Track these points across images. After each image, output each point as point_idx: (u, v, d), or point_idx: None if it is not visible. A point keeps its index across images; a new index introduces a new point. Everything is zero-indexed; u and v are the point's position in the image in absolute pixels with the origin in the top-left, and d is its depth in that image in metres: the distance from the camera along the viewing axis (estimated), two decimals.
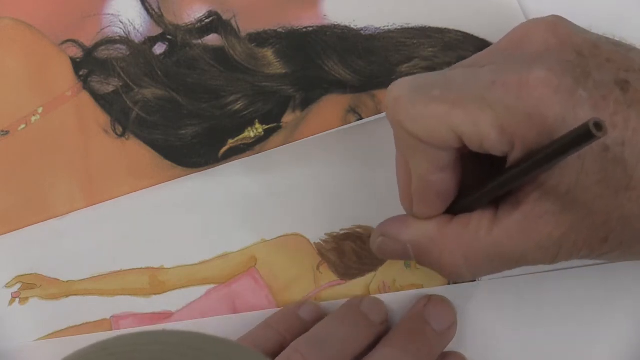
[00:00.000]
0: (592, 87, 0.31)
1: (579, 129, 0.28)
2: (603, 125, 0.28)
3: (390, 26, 0.42)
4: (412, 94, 0.33)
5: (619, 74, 0.32)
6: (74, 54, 0.43)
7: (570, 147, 0.29)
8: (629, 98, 0.32)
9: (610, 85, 0.32)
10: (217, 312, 0.42)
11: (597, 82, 0.32)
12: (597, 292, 0.40)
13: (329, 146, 0.42)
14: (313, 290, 0.42)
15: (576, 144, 0.29)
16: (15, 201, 0.43)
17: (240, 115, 0.43)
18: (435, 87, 0.33)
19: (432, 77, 0.34)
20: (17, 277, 0.43)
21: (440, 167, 0.34)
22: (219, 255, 0.42)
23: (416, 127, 0.33)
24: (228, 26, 0.43)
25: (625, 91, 0.32)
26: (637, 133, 0.31)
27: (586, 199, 0.32)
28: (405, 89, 0.34)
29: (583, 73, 0.32)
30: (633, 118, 0.31)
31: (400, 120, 0.34)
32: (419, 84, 0.34)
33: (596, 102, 0.31)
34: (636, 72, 0.32)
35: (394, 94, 0.34)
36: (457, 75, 0.34)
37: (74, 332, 0.43)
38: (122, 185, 0.43)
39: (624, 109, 0.31)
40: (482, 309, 0.41)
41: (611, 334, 0.40)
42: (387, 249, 0.38)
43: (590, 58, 0.32)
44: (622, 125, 0.31)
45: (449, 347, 0.40)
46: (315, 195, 0.42)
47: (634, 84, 0.32)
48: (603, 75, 0.32)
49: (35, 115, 0.43)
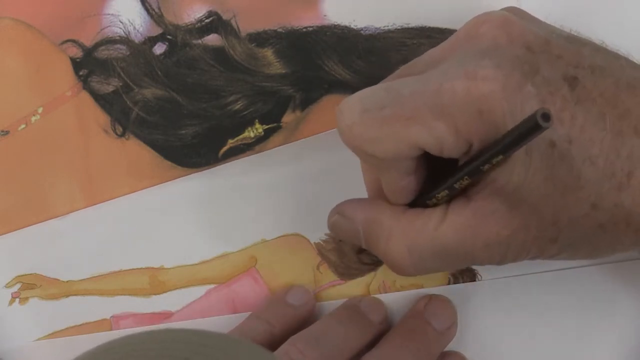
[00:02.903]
0: (540, 83, 0.31)
1: (526, 121, 0.28)
2: (550, 115, 0.28)
3: (390, 26, 0.42)
4: (364, 117, 0.33)
5: (568, 70, 0.32)
6: (74, 54, 0.43)
7: (519, 139, 0.29)
8: (576, 95, 0.31)
9: (559, 82, 0.31)
10: (217, 312, 0.42)
11: (546, 78, 0.31)
12: (597, 292, 0.40)
13: (329, 146, 0.42)
14: (313, 290, 0.42)
15: (524, 135, 0.29)
16: (15, 201, 0.43)
17: (240, 115, 0.43)
18: (385, 106, 0.33)
19: (379, 94, 0.33)
20: (17, 277, 0.43)
21: (407, 173, 0.34)
22: (219, 255, 0.42)
23: (376, 149, 0.33)
24: (228, 26, 0.43)
25: (573, 88, 0.31)
26: (584, 131, 0.31)
27: (534, 198, 0.32)
28: (356, 114, 0.33)
29: (531, 69, 0.31)
30: (580, 115, 0.31)
31: (358, 145, 0.34)
32: (368, 105, 0.33)
33: (544, 98, 0.31)
34: (585, 69, 0.32)
35: (345, 121, 0.33)
36: (404, 86, 0.33)
37: (74, 332, 0.43)
38: (122, 185, 0.43)
39: (571, 105, 0.31)
40: (482, 309, 0.41)
41: (611, 334, 0.40)
42: (340, 227, 0.38)
43: (540, 54, 0.32)
44: (569, 123, 0.31)
45: (449, 347, 0.40)
46: (315, 195, 0.42)
47: (582, 80, 0.32)
48: (552, 71, 0.32)
49: (35, 115, 0.43)
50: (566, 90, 0.31)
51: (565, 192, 0.31)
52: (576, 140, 0.31)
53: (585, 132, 0.31)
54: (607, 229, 0.32)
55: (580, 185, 0.31)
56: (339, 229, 0.38)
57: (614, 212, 0.32)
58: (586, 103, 0.31)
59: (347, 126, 0.34)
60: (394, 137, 0.32)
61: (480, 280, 0.41)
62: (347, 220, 0.37)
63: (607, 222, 0.32)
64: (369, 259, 0.42)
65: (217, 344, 0.28)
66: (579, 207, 0.32)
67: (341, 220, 0.38)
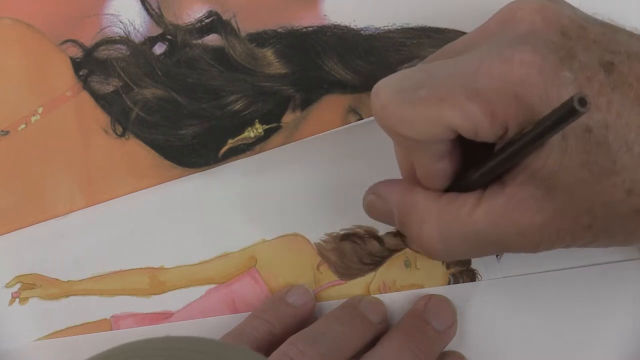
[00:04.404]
0: (577, 69, 0.31)
1: (563, 106, 0.28)
2: (587, 99, 0.27)
3: (390, 26, 0.42)
4: (399, 98, 0.33)
5: (605, 56, 0.32)
6: (74, 54, 0.43)
7: (555, 124, 0.29)
8: (612, 80, 0.31)
9: (595, 67, 0.31)
10: (217, 312, 0.42)
11: (582, 64, 0.31)
12: (597, 292, 0.40)
13: (329, 146, 0.42)
14: (313, 290, 0.42)
15: (561, 120, 0.29)
16: (15, 201, 0.43)
17: (240, 115, 0.43)
18: (420, 87, 0.33)
19: (415, 76, 0.34)
20: (17, 277, 0.43)
21: (441, 157, 0.34)
22: (219, 255, 0.42)
23: (409, 130, 0.33)
24: (228, 26, 0.43)
25: (609, 73, 0.31)
26: (620, 116, 0.31)
27: (569, 183, 0.32)
28: (391, 94, 0.33)
29: (568, 54, 0.32)
30: (616, 101, 0.31)
31: (391, 126, 0.33)
32: (403, 86, 0.33)
33: (580, 83, 0.31)
34: (621, 55, 0.32)
35: (380, 101, 0.33)
36: (440, 68, 0.33)
37: (74, 332, 0.43)
38: (122, 185, 0.43)
39: (607, 91, 0.31)
40: (482, 309, 0.41)
41: (611, 333, 0.40)
42: (375, 208, 0.38)
43: (576, 39, 0.32)
44: (606, 108, 0.31)
45: (449, 347, 0.40)
46: (315, 195, 0.42)
47: (618, 66, 0.32)
48: (588, 57, 0.32)
49: (35, 115, 0.43)
50: (603, 75, 0.31)
51: (601, 177, 0.31)
52: (613, 126, 0.31)
53: (621, 118, 0.31)
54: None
55: (616, 171, 0.31)
56: (374, 209, 0.38)
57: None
58: (623, 88, 0.31)
59: (381, 106, 0.33)
60: (428, 118, 0.32)
61: (480, 280, 0.41)
62: (382, 201, 0.37)
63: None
64: (369, 258, 0.42)
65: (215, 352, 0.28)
66: (614, 193, 0.32)
67: (376, 200, 0.37)
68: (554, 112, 0.29)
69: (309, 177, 0.42)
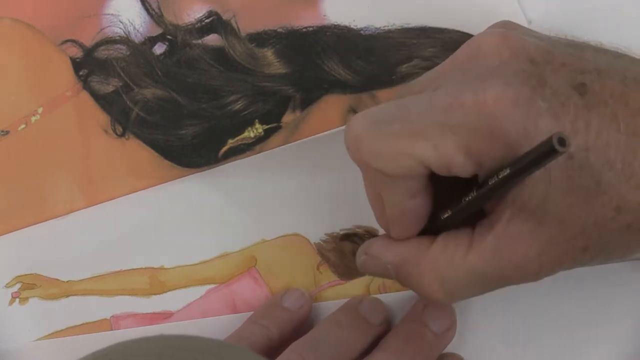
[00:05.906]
0: (550, 96, 0.31)
1: (542, 145, 0.28)
2: (566, 139, 0.27)
3: (390, 26, 0.42)
4: (372, 131, 0.33)
5: (575, 78, 0.32)
6: (74, 54, 0.43)
7: (535, 163, 0.29)
8: (587, 101, 0.31)
9: (568, 91, 0.31)
10: (217, 312, 0.42)
11: (554, 90, 0.31)
12: (597, 292, 0.40)
13: (329, 146, 0.42)
14: (313, 290, 0.42)
15: (541, 160, 0.29)
16: (15, 201, 0.43)
17: (240, 115, 0.43)
18: (394, 121, 0.33)
19: (388, 110, 0.33)
20: (17, 277, 0.43)
21: (413, 195, 0.34)
22: (219, 255, 0.42)
23: (382, 164, 0.33)
24: (228, 26, 0.43)
25: (583, 95, 0.31)
26: (599, 136, 0.31)
27: (558, 211, 0.31)
28: (364, 127, 0.33)
29: (539, 82, 0.31)
30: (594, 121, 0.31)
31: (363, 159, 0.33)
32: (377, 119, 0.33)
33: (556, 110, 0.31)
34: (591, 73, 0.32)
35: (353, 133, 0.33)
36: (414, 103, 0.33)
37: (74, 332, 0.43)
38: (122, 185, 0.43)
39: (584, 113, 0.31)
40: (481, 310, 0.41)
41: (611, 334, 0.40)
42: (369, 268, 0.38)
43: (544, 65, 0.32)
44: (584, 131, 0.31)
45: (447, 349, 0.40)
46: (315, 195, 0.42)
47: (590, 85, 0.31)
48: (559, 81, 0.31)
49: (35, 115, 0.43)
50: (576, 98, 0.31)
51: (589, 199, 0.31)
52: (593, 147, 0.31)
53: (601, 137, 0.31)
54: (635, 227, 0.32)
55: (602, 191, 0.31)
56: (368, 268, 0.38)
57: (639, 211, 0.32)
58: (599, 108, 0.31)
59: (354, 137, 0.33)
60: (400, 153, 0.32)
61: None
62: (375, 260, 0.37)
63: (634, 221, 0.32)
64: None
65: (213, 351, 0.28)
66: (604, 212, 0.31)
67: (370, 260, 0.38)
68: (532, 151, 0.29)
69: (309, 177, 0.42)
